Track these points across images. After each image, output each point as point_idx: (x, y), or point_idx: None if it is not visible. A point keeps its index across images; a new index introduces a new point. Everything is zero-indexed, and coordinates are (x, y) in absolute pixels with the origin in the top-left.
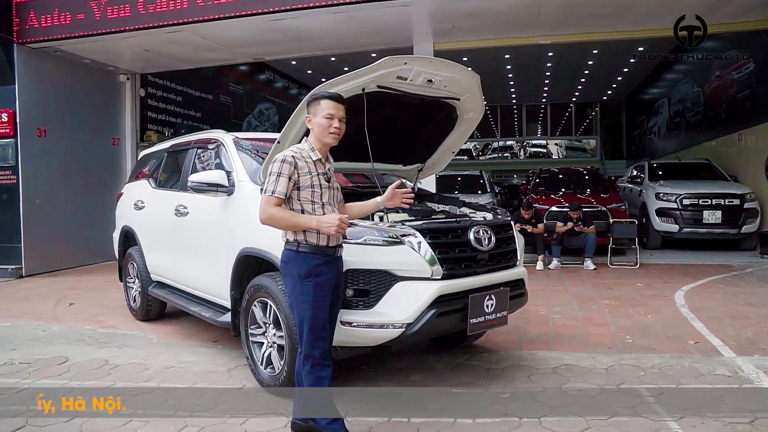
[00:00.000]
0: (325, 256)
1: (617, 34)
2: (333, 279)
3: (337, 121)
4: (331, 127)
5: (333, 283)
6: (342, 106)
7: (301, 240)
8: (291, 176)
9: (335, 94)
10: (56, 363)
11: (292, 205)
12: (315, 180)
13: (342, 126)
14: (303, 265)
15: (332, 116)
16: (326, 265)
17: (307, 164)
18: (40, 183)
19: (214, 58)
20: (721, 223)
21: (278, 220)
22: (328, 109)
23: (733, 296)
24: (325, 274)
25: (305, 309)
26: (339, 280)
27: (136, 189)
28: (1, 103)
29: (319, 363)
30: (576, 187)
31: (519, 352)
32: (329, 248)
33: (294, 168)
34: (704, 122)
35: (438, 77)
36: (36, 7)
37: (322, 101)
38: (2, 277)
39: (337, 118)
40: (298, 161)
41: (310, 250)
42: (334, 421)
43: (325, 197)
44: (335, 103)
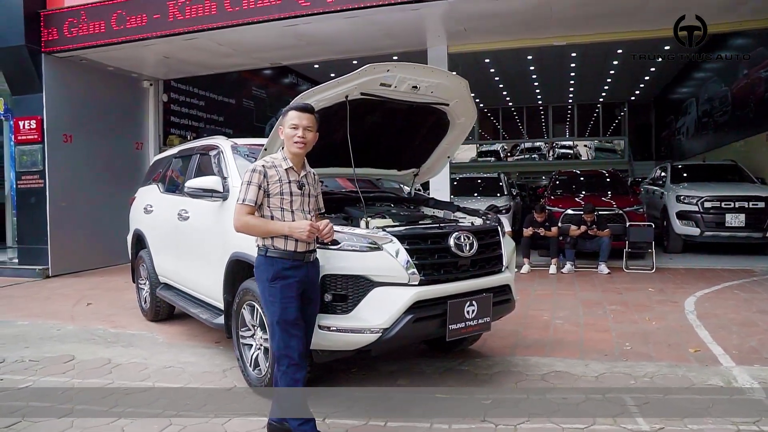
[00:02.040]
0: (293, 261)
1: (636, 34)
2: (302, 282)
3: (301, 130)
4: (295, 136)
5: (302, 285)
6: (307, 116)
7: (269, 245)
8: (260, 185)
9: (300, 105)
10: (62, 361)
11: (262, 212)
12: (285, 188)
13: (307, 134)
14: (270, 269)
15: (296, 126)
16: (294, 269)
17: (278, 172)
18: (66, 187)
19: (232, 63)
20: (745, 226)
21: (252, 227)
22: (292, 119)
23: (747, 303)
24: (292, 277)
25: (274, 311)
26: (311, 283)
27: (146, 193)
28: (29, 110)
29: (296, 363)
30: (593, 189)
31: (512, 357)
32: (298, 253)
33: (263, 176)
34: (732, 122)
35: (423, 83)
36: (62, 17)
37: (289, 112)
38: (30, 277)
39: (301, 127)
40: (269, 170)
41: (278, 255)
42: (306, 422)
43: (295, 204)
44: (299, 113)
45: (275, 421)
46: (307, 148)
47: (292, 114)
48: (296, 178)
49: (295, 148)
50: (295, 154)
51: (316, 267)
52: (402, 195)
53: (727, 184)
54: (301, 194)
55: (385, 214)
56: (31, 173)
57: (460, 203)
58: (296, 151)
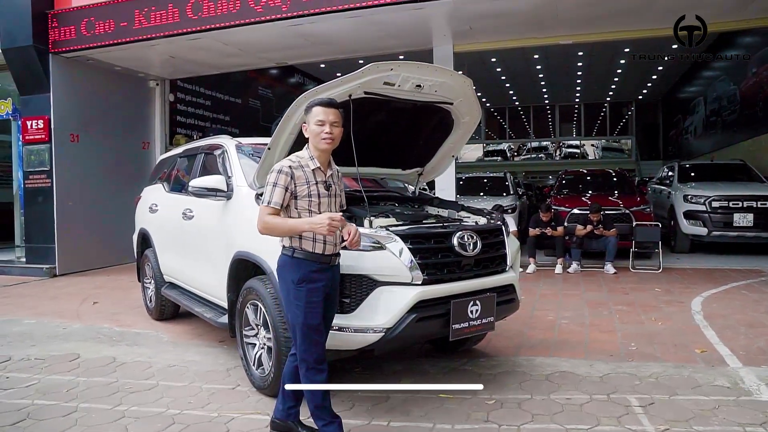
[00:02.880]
0: (319, 264)
1: (643, 33)
2: (327, 285)
3: (328, 126)
4: (322, 133)
5: (327, 289)
6: (333, 110)
7: (297, 246)
8: (287, 186)
9: (325, 100)
10: (68, 360)
11: (289, 214)
12: (313, 189)
13: (334, 130)
14: (297, 271)
15: (323, 122)
16: (321, 272)
17: (305, 173)
18: (73, 186)
19: (238, 63)
20: (753, 226)
21: (273, 227)
22: (317, 115)
23: (755, 303)
24: (318, 280)
25: (298, 314)
26: (334, 287)
27: (151, 192)
28: (37, 110)
29: (313, 368)
30: (600, 189)
31: (517, 357)
32: (324, 256)
33: (290, 178)
34: (740, 121)
35: (427, 82)
36: (69, 18)
37: (314, 108)
38: (37, 276)
39: (328, 123)
40: (296, 171)
41: (305, 257)
42: (330, 423)
43: (323, 206)
44: (325, 108)
45: (279, 419)
46: (335, 144)
47: (317, 110)
48: (323, 178)
49: (323, 144)
50: (323, 150)
51: (338, 270)
52: (406, 194)
53: (735, 184)
54: (329, 195)
55: (389, 214)
56: (38, 173)
57: (465, 203)
58: (324, 147)
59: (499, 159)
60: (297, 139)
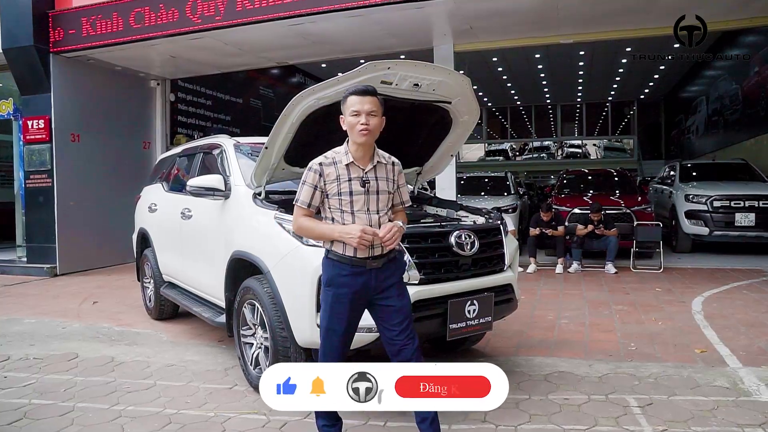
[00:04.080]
0: (352, 267)
1: (645, 32)
2: (361, 291)
3: (364, 116)
4: (358, 124)
5: (363, 295)
6: (370, 98)
7: (329, 247)
8: (316, 185)
9: (361, 87)
10: (66, 359)
11: (324, 214)
12: (344, 186)
13: (371, 120)
14: (327, 272)
15: (358, 112)
16: (353, 276)
17: (337, 169)
18: (73, 186)
19: (239, 63)
20: (755, 225)
21: (305, 230)
22: (352, 105)
23: (756, 303)
24: (348, 285)
25: (323, 316)
26: (378, 289)
27: (151, 192)
28: (38, 110)
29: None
30: (601, 188)
31: (516, 357)
32: (357, 258)
33: (319, 176)
34: (743, 121)
35: (424, 81)
36: (70, 18)
37: (349, 97)
38: (38, 275)
39: (364, 113)
40: (326, 168)
41: (337, 259)
42: (332, 426)
43: (357, 204)
44: (360, 97)
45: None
46: (374, 136)
47: (352, 99)
48: (359, 174)
49: (359, 137)
50: (360, 144)
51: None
52: None
53: (737, 183)
54: (365, 192)
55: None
56: (39, 172)
57: (466, 202)
58: (361, 140)
59: (501, 159)
60: (294, 138)
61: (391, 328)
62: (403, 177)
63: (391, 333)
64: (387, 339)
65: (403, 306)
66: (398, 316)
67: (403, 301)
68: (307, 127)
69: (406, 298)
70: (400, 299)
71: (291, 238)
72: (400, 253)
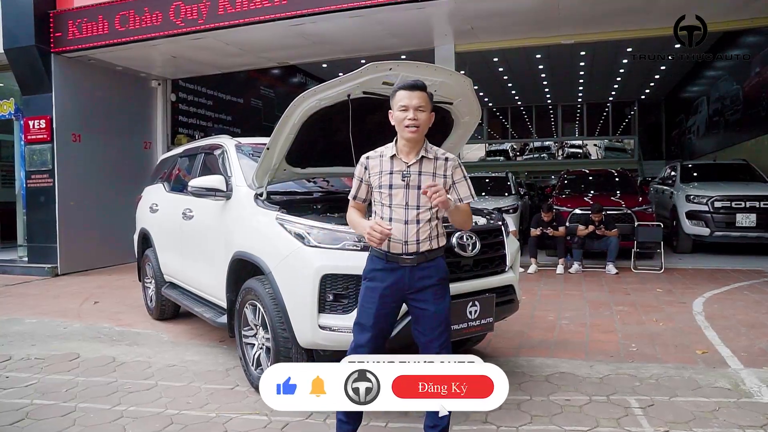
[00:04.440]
0: (386, 262)
1: (645, 32)
2: (394, 288)
3: (412, 111)
4: (406, 119)
5: (396, 293)
6: (418, 93)
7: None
8: (362, 178)
9: (410, 82)
10: (68, 359)
11: (373, 207)
12: (384, 179)
13: (420, 115)
14: (366, 266)
15: (406, 107)
16: (386, 271)
17: (381, 162)
18: (74, 186)
19: (240, 63)
20: (756, 226)
21: (349, 223)
22: (400, 100)
23: (757, 304)
24: (380, 280)
25: (357, 309)
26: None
27: (152, 192)
28: (39, 110)
29: None
30: (602, 189)
31: (517, 358)
32: (391, 254)
33: (365, 169)
34: (743, 121)
35: (426, 82)
36: (71, 18)
37: (397, 92)
38: (39, 275)
39: (412, 108)
40: (372, 160)
41: (374, 253)
42: (346, 423)
43: (395, 198)
44: (408, 92)
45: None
46: (422, 131)
47: (400, 94)
48: (402, 168)
49: (407, 132)
50: (407, 139)
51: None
52: None
53: (737, 184)
54: (405, 186)
55: None
56: (40, 172)
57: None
58: (409, 136)
59: (501, 159)
60: (296, 138)
61: (424, 334)
62: (460, 172)
63: (423, 339)
64: (420, 345)
65: (438, 312)
66: (432, 322)
67: (440, 307)
68: (309, 128)
69: (443, 304)
70: (436, 304)
71: (292, 238)
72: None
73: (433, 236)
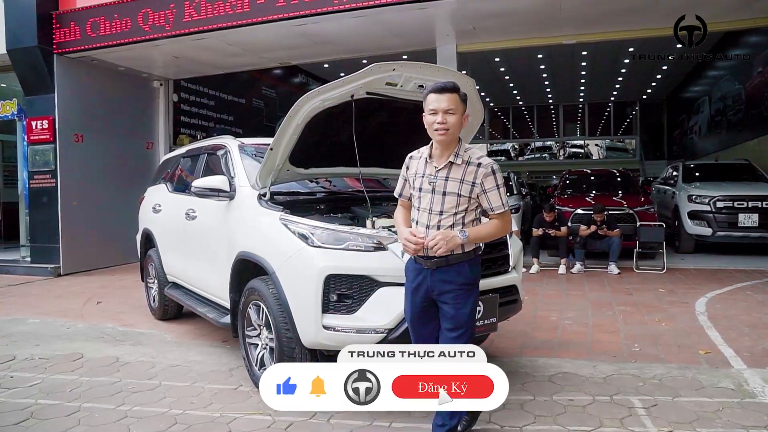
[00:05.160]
0: (415, 263)
1: (647, 32)
2: (422, 288)
3: (440, 115)
4: (435, 123)
5: (426, 293)
6: (448, 96)
7: None
8: (405, 177)
9: (440, 84)
10: (71, 359)
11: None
12: (417, 182)
13: (449, 118)
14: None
15: (435, 111)
16: (414, 272)
17: (418, 164)
18: (77, 186)
19: (242, 63)
20: (758, 226)
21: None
22: (430, 104)
23: (760, 304)
24: (410, 280)
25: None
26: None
27: (155, 193)
28: (41, 110)
29: None
30: (604, 189)
31: (520, 358)
32: (418, 257)
33: (406, 168)
34: (745, 121)
35: (429, 82)
36: (73, 18)
37: (428, 95)
38: (42, 275)
39: (441, 111)
40: (412, 161)
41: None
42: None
43: (423, 202)
44: (437, 95)
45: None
46: (453, 134)
47: (430, 97)
48: (432, 171)
49: (436, 136)
50: (438, 142)
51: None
52: None
53: (740, 184)
54: (431, 191)
55: (391, 214)
56: (43, 173)
57: None
58: (438, 139)
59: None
60: (299, 139)
61: (444, 333)
62: (492, 180)
63: (443, 338)
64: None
65: (455, 315)
66: (449, 324)
67: (457, 311)
68: (312, 129)
69: (462, 309)
70: (454, 308)
71: (296, 239)
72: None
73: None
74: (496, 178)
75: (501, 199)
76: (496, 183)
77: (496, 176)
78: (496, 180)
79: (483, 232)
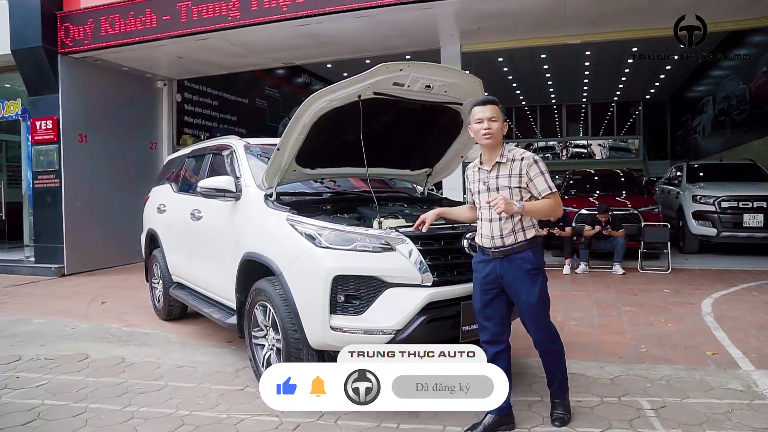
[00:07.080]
0: (483, 254)
1: (651, 32)
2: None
3: (486, 122)
4: (482, 129)
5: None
6: (490, 107)
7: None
8: (469, 187)
9: (481, 99)
10: (77, 360)
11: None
12: (474, 187)
13: (493, 125)
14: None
15: (481, 119)
16: (482, 263)
17: (474, 172)
18: (81, 186)
19: (245, 63)
20: (763, 226)
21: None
22: (476, 114)
23: (766, 305)
24: (479, 271)
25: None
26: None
27: (159, 193)
28: (46, 111)
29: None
30: (608, 189)
31: (526, 359)
32: (484, 248)
33: (467, 178)
34: (750, 121)
35: (436, 83)
36: (78, 19)
37: (473, 108)
38: (46, 275)
39: (485, 119)
40: (470, 170)
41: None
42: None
43: (483, 200)
44: (481, 107)
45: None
46: (497, 138)
47: (475, 110)
48: (484, 175)
49: (484, 140)
50: (485, 146)
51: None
52: (415, 195)
53: (744, 184)
54: (486, 190)
55: (398, 215)
56: (47, 173)
57: None
58: (486, 142)
59: None
60: (306, 139)
61: (523, 321)
62: (536, 168)
63: (524, 325)
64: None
65: (528, 299)
66: (523, 308)
67: (529, 295)
68: (319, 129)
69: (533, 292)
70: (526, 292)
71: (303, 239)
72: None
73: (517, 230)
74: (539, 166)
75: (546, 182)
76: (540, 170)
77: (538, 164)
78: (540, 167)
79: (537, 207)
